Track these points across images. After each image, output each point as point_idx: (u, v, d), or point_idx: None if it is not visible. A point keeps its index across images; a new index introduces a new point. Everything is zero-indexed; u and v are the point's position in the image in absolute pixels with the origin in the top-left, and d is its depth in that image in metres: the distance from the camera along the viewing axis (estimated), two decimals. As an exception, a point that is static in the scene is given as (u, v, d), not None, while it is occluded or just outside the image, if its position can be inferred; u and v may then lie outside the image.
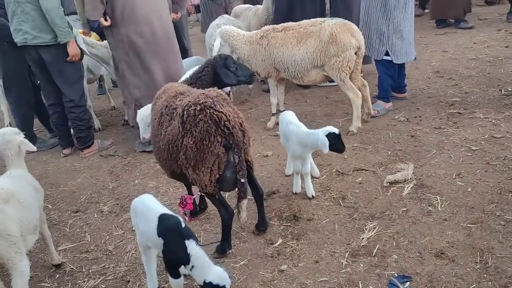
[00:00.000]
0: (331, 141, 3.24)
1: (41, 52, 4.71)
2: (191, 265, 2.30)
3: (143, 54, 4.71)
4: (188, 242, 2.33)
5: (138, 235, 2.64)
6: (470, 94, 5.24)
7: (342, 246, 2.98)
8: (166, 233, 2.42)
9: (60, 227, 3.79)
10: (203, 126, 2.63)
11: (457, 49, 7.18)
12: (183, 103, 2.76)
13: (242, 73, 3.56)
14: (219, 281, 2.22)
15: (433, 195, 3.36)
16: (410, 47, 5.03)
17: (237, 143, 2.68)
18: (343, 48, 4.38)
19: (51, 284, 3.06)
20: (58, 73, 4.86)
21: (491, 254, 2.67)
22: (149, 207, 2.57)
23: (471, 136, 4.18)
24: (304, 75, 4.66)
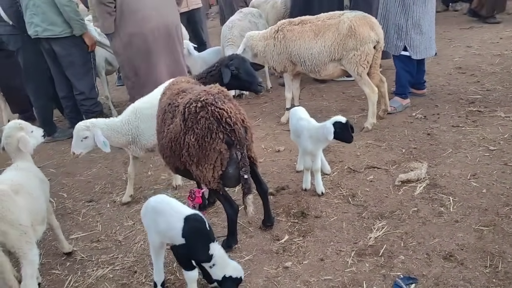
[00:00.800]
0: (337, 130, 3.26)
1: (52, 44, 4.83)
2: (212, 263, 2.44)
3: (143, 53, 4.62)
4: (212, 245, 2.45)
5: (153, 233, 2.58)
6: (492, 91, 5.07)
7: (348, 245, 2.95)
8: (191, 235, 2.45)
9: (73, 216, 3.87)
10: (205, 123, 2.62)
11: (482, 44, 6.96)
12: (185, 100, 2.76)
13: (246, 78, 3.47)
14: (236, 274, 2.46)
15: (446, 196, 3.28)
16: (430, 42, 4.90)
17: (239, 140, 2.66)
18: (361, 42, 4.30)
19: (61, 271, 3.13)
20: (69, 64, 4.98)
21: (502, 259, 2.59)
22: (173, 207, 2.57)
23: (490, 136, 4.05)
24: (321, 68, 4.60)
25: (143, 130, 3.67)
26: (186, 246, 2.45)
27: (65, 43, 4.85)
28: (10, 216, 2.41)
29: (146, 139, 3.70)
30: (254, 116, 5.70)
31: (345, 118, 3.30)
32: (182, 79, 3.27)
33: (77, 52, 4.96)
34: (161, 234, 2.54)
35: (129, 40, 4.60)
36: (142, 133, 3.67)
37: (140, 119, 3.67)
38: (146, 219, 2.63)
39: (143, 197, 4.05)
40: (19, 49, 5.21)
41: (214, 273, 2.48)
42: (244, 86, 3.63)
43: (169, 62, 4.86)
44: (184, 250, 2.47)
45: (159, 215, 2.53)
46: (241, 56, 3.58)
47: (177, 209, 2.55)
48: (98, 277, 3.00)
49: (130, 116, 3.69)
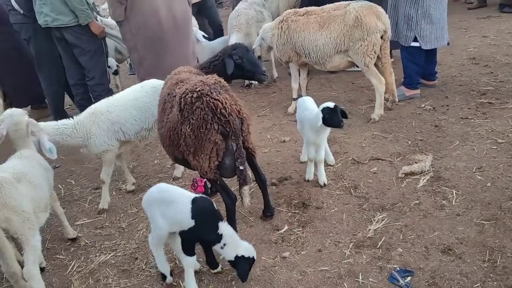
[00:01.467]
0: (325, 115, 3.23)
1: (63, 33, 4.89)
2: (223, 243, 2.51)
3: (152, 45, 4.64)
4: (221, 224, 2.52)
5: (161, 223, 2.58)
6: (505, 83, 4.94)
7: (347, 236, 2.94)
8: (200, 215, 2.50)
9: (80, 202, 3.95)
10: (200, 113, 2.63)
11: (498, 34, 6.76)
12: (181, 90, 2.77)
13: (249, 68, 3.43)
14: (249, 253, 2.54)
15: (449, 189, 3.23)
16: (442, 32, 4.79)
17: (234, 131, 2.66)
18: (368, 32, 4.24)
19: (65, 256, 3.21)
20: (80, 51, 5.04)
21: (502, 253, 2.55)
22: (178, 192, 2.62)
23: (499, 128, 3.96)
24: (326, 61, 4.55)
25: (94, 135, 3.52)
26: (196, 227, 2.49)
27: (75, 31, 4.91)
28: (13, 203, 2.47)
29: (95, 144, 3.55)
30: (262, 106, 5.70)
31: (334, 103, 3.26)
32: (185, 69, 3.27)
33: (87, 39, 5.02)
34: (169, 222, 2.56)
35: (137, 29, 4.63)
36: (93, 138, 3.53)
37: (94, 123, 3.54)
38: (151, 209, 2.63)
39: (147, 185, 4.09)
40: (30, 37, 5.28)
41: (226, 254, 2.56)
42: (247, 76, 3.61)
43: (178, 55, 4.87)
44: (193, 233, 2.52)
45: (165, 203, 2.56)
46: (244, 45, 3.56)
47: (183, 193, 2.62)
48: (100, 263, 3.07)
49: (85, 119, 3.55)
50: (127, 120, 3.63)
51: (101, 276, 2.93)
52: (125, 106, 3.64)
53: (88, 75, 5.18)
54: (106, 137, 3.56)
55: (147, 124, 3.72)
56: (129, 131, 3.66)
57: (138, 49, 4.72)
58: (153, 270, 2.89)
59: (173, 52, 4.79)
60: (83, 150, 3.67)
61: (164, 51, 4.71)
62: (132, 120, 3.64)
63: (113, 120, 3.58)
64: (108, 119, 3.56)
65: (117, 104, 3.64)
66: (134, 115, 3.65)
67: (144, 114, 3.69)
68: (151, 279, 2.83)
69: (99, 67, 5.20)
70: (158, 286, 2.76)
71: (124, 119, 3.61)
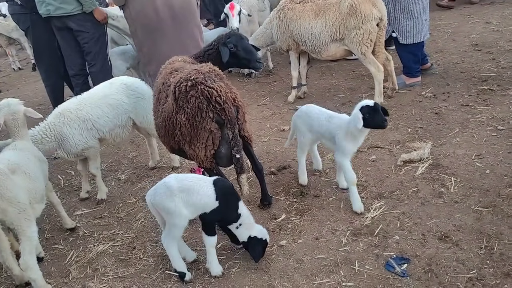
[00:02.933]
0: (365, 115, 2.76)
1: (66, 22, 4.87)
2: (239, 223, 2.59)
3: (149, 33, 4.58)
4: (240, 203, 2.60)
5: (184, 212, 2.52)
6: (507, 69, 4.88)
7: (344, 225, 2.93)
8: (224, 196, 2.56)
9: (79, 193, 3.96)
10: (195, 102, 2.61)
11: (502, 20, 6.67)
12: (175, 79, 2.74)
13: (244, 56, 3.39)
14: (262, 235, 2.63)
15: (448, 176, 3.21)
16: (425, 25, 4.71)
17: (229, 119, 2.64)
18: (364, 20, 4.18)
19: (64, 246, 3.23)
20: (85, 38, 5.03)
21: (499, 240, 2.53)
22: (196, 178, 2.62)
23: (500, 115, 3.91)
24: (322, 49, 4.50)
25: (67, 135, 3.45)
26: (219, 208, 2.54)
27: (79, 19, 4.92)
28: (9, 194, 2.48)
29: (71, 144, 3.48)
30: (262, 95, 5.67)
31: (373, 101, 2.82)
32: (179, 58, 3.24)
33: (91, 25, 5.02)
34: (194, 208, 2.55)
35: (136, 16, 4.61)
36: (67, 139, 3.45)
37: (64, 124, 3.46)
38: (172, 202, 2.51)
39: (146, 175, 4.11)
40: (28, 28, 5.26)
41: (240, 234, 2.63)
42: (243, 64, 3.56)
43: (175, 44, 4.79)
44: (217, 214, 2.56)
45: (188, 191, 2.53)
46: (238, 33, 3.52)
47: (201, 178, 2.64)
48: (98, 252, 3.09)
49: (54, 120, 3.46)
50: (100, 117, 3.58)
51: (99, 266, 2.94)
52: (96, 104, 3.59)
53: (91, 61, 5.19)
54: (80, 135, 3.50)
55: (120, 121, 3.68)
56: (102, 128, 3.61)
57: (137, 35, 4.70)
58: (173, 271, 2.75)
59: (171, 41, 4.73)
60: (57, 153, 3.58)
61: (161, 40, 4.66)
62: (105, 117, 3.60)
63: (84, 117, 3.52)
64: (77, 117, 3.50)
65: (86, 102, 3.58)
66: (106, 112, 3.61)
67: (116, 111, 3.64)
68: (149, 268, 2.84)
69: (101, 54, 5.21)
70: (156, 275, 2.77)
71: (96, 116, 3.56)
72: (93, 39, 5.08)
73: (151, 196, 2.60)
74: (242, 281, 2.59)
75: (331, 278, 2.50)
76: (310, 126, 3.24)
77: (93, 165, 3.70)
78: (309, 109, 3.31)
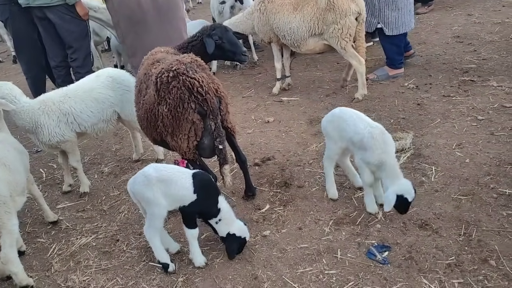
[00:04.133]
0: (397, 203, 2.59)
1: (46, 13, 4.76)
2: (219, 218, 2.59)
3: (132, 25, 4.45)
4: (220, 198, 2.59)
5: (163, 202, 2.54)
6: (488, 60, 4.96)
7: (327, 214, 2.96)
8: (202, 189, 2.55)
9: (62, 186, 3.90)
10: (177, 93, 2.59)
11: (484, 12, 6.75)
12: (157, 70, 2.72)
13: (230, 48, 3.36)
14: (241, 233, 2.61)
15: (429, 166, 3.26)
16: (410, 16, 4.75)
17: (211, 110, 2.63)
18: (341, 15, 4.19)
19: (46, 239, 3.20)
20: (66, 32, 4.92)
21: (477, 227, 2.59)
22: (175, 169, 2.61)
23: (480, 105, 3.98)
24: (301, 43, 4.51)
25: (43, 125, 3.35)
26: (198, 201, 2.54)
27: (59, 11, 4.79)
28: (-13, 186, 2.44)
29: (45, 135, 3.38)
30: (247, 87, 5.66)
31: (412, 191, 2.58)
32: (161, 49, 3.21)
33: (72, 19, 4.91)
34: (172, 199, 2.55)
35: (119, 6, 4.51)
36: (41, 128, 3.36)
37: (43, 112, 3.36)
38: (150, 191, 2.52)
39: (130, 168, 4.08)
40: (7, 19, 5.13)
41: (219, 230, 2.63)
42: (228, 56, 3.54)
43: (160, 36, 4.72)
44: (195, 207, 2.56)
45: (166, 182, 2.53)
46: (223, 25, 3.50)
47: (181, 170, 2.62)
48: (81, 245, 3.06)
49: (35, 105, 3.36)
50: (83, 111, 3.51)
51: (82, 258, 2.92)
52: (81, 97, 3.53)
53: (72, 56, 5.08)
54: (58, 127, 3.42)
55: (104, 115, 3.63)
56: (84, 123, 3.55)
57: (120, 27, 4.60)
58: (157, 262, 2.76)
59: (155, 33, 4.65)
60: (31, 137, 3.51)
61: (145, 32, 4.58)
62: (88, 111, 3.54)
63: (66, 111, 3.45)
64: (59, 109, 3.43)
65: (71, 95, 3.52)
66: (90, 106, 3.54)
67: (101, 105, 3.58)
68: (132, 260, 2.83)
69: (83, 48, 5.11)
70: (139, 267, 2.76)
71: (79, 110, 3.50)
72: (73, 33, 4.96)
73: (131, 185, 2.62)
74: (226, 271, 2.60)
75: (313, 267, 2.52)
76: (343, 132, 2.86)
77: (73, 158, 3.65)
78: (342, 112, 2.95)
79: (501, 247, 2.42)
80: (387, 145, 2.68)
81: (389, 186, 2.62)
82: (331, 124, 2.97)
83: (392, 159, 2.66)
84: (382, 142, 2.67)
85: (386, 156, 2.65)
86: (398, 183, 2.60)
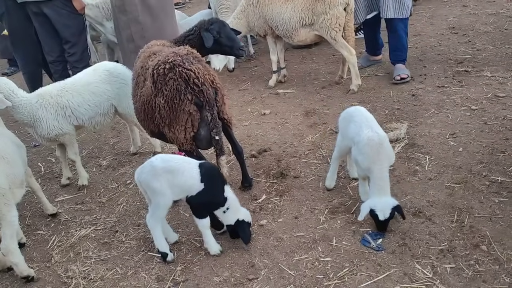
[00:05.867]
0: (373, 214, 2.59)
1: (43, 8, 4.76)
2: (226, 207, 2.62)
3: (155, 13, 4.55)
4: (226, 187, 2.63)
5: (168, 193, 2.57)
6: (482, 51, 4.99)
7: (323, 203, 3.01)
8: (209, 178, 2.58)
9: (60, 180, 3.94)
10: (173, 84, 2.62)
11: (478, 3, 6.78)
12: (154, 62, 2.75)
13: (227, 43, 3.38)
14: (247, 218, 2.68)
15: (423, 155, 3.31)
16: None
17: (208, 100, 2.67)
18: (330, 5, 4.24)
19: (46, 232, 3.24)
20: (63, 27, 4.93)
21: (469, 214, 2.64)
22: (181, 159, 2.64)
23: (474, 95, 4.02)
24: (293, 34, 4.55)
25: (41, 118, 3.37)
26: (205, 191, 2.57)
27: (56, 5, 4.80)
28: (-13, 179, 2.47)
29: (43, 128, 3.40)
30: (244, 80, 5.69)
31: (387, 212, 2.55)
32: (158, 42, 3.23)
33: (68, 13, 4.92)
34: (179, 189, 2.58)
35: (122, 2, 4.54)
36: (39, 121, 3.37)
37: (41, 106, 3.38)
38: (156, 181, 2.55)
39: (128, 161, 4.12)
40: (3, 14, 5.13)
41: (227, 218, 2.66)
42: (225, 51, 3.56)
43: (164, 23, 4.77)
44: (203, 197, 2.58)
45: (173, 172, 2.55)
46: (221, 20, 3.52)
47: (187, 160, 2.65)
48: (81, 237, 3.10)
49: (33, 99, 3.37)
50: (80, 105, 3.54)
51: (81, 249, 2.96)
52: (78, 91, 3.55)
53: (69, 50, 5.09)
54: (56, 121, 3.44)
55: (101, 109, 3.66)
56: (82, 116, 3.57)
57: (140, 21, 4.59)
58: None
59: (172, 21, 4.72)
60: (30, 131, 3.53)
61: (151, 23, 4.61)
62: (86, 105, 3.56)
63: (63, 104, 3.47)
64: (57, 103, 3.45)
65: (68, 89, 3.54)
66: (88, 100, 3.57)
67: (99, 98, 3.62)
68: (131, 251, 2.87)
69: (80, 43, 5.13)
70: (138, 257, 2.81)
71: (76, 104, 3.52)
72: (71, 28, 4.98)
73: (138, 174, 2.65)
74: (223, 260, 2.65)
75: (309, 254, 2.57)
76: (349, 130, 2.84)
77: (71, 151, 3.68)
78: (355, 111, 2.90)
79: (493, 233, 2.47)
80: (379, 157, 2.60)
81: (370, 197, 2.62)
82: (344, 120, 2.95)
83: (381, 173, 2.59)
84: (375, 152, 2.60)
85: (375, 167, 2.59)
86: (379, 198, 2.56)
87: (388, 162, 2.66)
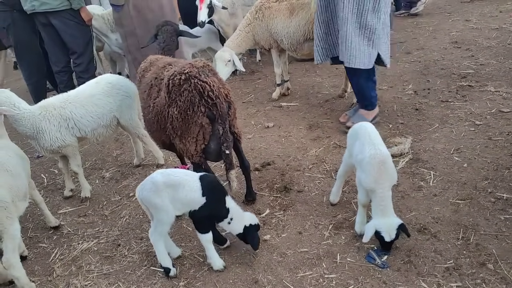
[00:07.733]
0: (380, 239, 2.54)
1: (50, 18, 4.84)
2: (230, 218, 2.60)
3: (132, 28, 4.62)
4: (227, 198, 2.60)
5: (171, 208, 2.54)
6: (486, 66, 5.00)
7: (327, 219, 2.99)
8: (210, 191, 2.56)
9: (63, 191, 3.93)
10: (187, 96, 2.63)
11: (481, 18, 6.82)
12: (169, 73, 2.76)
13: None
14: (254, 221, 2.67)
15: (427, 170, 3.29)
16: None
17: (220, 114, 2.67)
18: None
19: (48, 244, 3.22)
20: (70, 37, 5.00)
21: (475, 231, 2.61)
22: (182, 173, 2.62)
23: (478, 110, 4.02)
24: (297, 48, 4.59)
25: (44, 130, 3.38)
26: (207, 204, 2.54)
27: (63, 16, 4.88)
28: (-10, 192, 2.46)
29: (46, 140, 3.41)
30: (247, 93, 5.70)
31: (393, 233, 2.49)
32: (158, 56, 3.28)
33: (76, 24, 4.99)
34: (181, 203, 2.56)
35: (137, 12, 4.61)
36: (42, 133, 3.38)
37: (44, 118, 3.39)
38: (158, 197, 2.52)
39: (131, 173, 4.11)
40: (9, 25, 5.18)
41: (234, 228, 2.64)
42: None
43: None
44: (205, 211, 2.56)
45: (174, 186, 2.54)
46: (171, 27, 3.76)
47: (187, 173, 2.63)
48: (83, 250, 3.08)
49: (36, 111, 3.37)
50: (83, 117, 3.55)
51: (83, 263, 2.94)
52: (81, 103, 3.57)
53: (76, 61, 5.17)
54: (59, 132, 3.45)
55: (104, 121, 3.68)
56: (85, 128, 3.58)
57: (136, 34, 4.67)
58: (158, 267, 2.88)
59: None
60: (32, 143, 3.51)
61: None
62: (89, 116, 3.58)
63: (66, 116, 3.48)
64: (60, 114, 3.45)
65: (71, 101, 3.55)
66: (91, 112, 3.59)
67: (101, 110, 3.64)
68: (134, 265, 2.85)
69: (87, 54, 5.19)
70: (141, 271, 2.78)
71: (79, 116, 3.54)
72: (78, 38, 5.04)
73: (139, 192, 2.62)
74: (227, 276, 2.62)
75: (313, 271, 2.55)
76: (353, 147, 2.77)
77: (74, 163, 3.68)
78: (362, 128, 2.78)
79: (499, 251, 2.45)
80: (381, 176, 2.51)
81: (374, 217, 2.58)
82: (351, 137, 2.87)
83: (384, 192, 2.51)
84: (377, 171, 2.51)
85: (377, 187, 2.51)
86: (383, 219, 2.50)
87: (390, 182, 2.57)
